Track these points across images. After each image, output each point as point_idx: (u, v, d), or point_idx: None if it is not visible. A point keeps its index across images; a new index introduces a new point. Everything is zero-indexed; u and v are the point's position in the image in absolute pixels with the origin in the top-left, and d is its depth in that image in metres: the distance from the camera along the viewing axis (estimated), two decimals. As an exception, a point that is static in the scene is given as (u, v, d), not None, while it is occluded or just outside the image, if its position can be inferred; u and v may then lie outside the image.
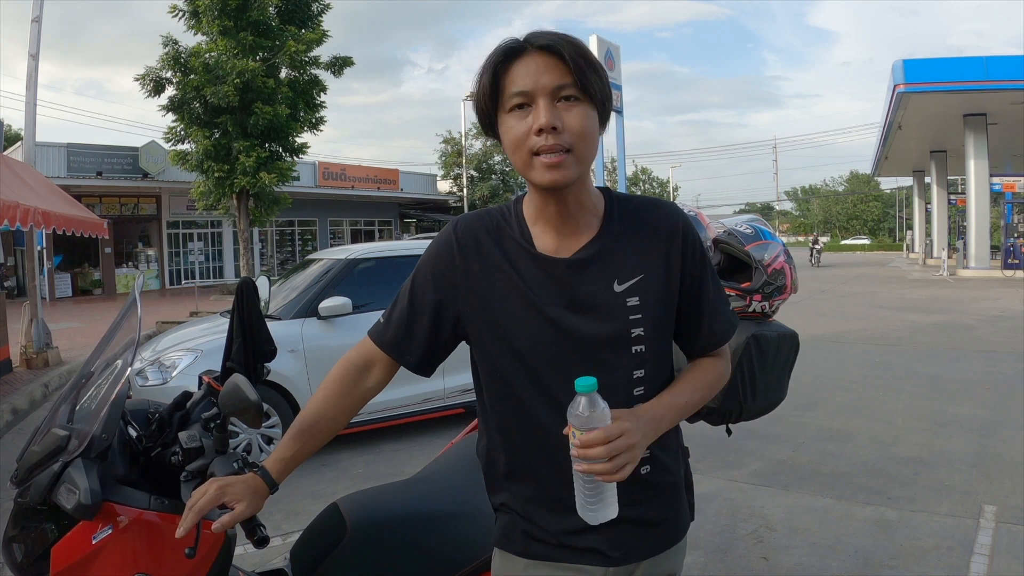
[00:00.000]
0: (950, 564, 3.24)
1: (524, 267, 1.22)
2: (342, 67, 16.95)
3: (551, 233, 1.23)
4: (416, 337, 1.31)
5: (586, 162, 1.16)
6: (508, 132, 1.16)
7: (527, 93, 1.12)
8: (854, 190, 73.26)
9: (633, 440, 1.08)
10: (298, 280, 5.79)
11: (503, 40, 1.16)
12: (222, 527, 1.22)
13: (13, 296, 17.60)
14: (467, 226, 1.27)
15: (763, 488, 4.25)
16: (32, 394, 7.17)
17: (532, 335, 1.20)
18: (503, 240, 1.24)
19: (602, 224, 1.23)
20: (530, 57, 1.13)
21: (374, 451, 5.23)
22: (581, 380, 1.05)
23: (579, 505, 1.12)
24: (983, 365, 7.76)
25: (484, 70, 1.16)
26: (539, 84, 1.12)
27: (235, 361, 1.80)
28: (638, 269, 1.21)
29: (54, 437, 1.46)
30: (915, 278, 21.93)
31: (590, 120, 1.15)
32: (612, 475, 1.06)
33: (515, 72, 1.14)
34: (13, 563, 1.47)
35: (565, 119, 1.12)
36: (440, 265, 1.28)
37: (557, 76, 1.12)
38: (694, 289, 1.27)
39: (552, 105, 1.12)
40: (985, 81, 19.32)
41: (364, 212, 32.03)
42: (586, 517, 1.12)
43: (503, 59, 1.15)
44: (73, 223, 8.23)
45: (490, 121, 1.20)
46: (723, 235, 2.06)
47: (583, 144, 1.14)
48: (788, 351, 2.03)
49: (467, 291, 1.25)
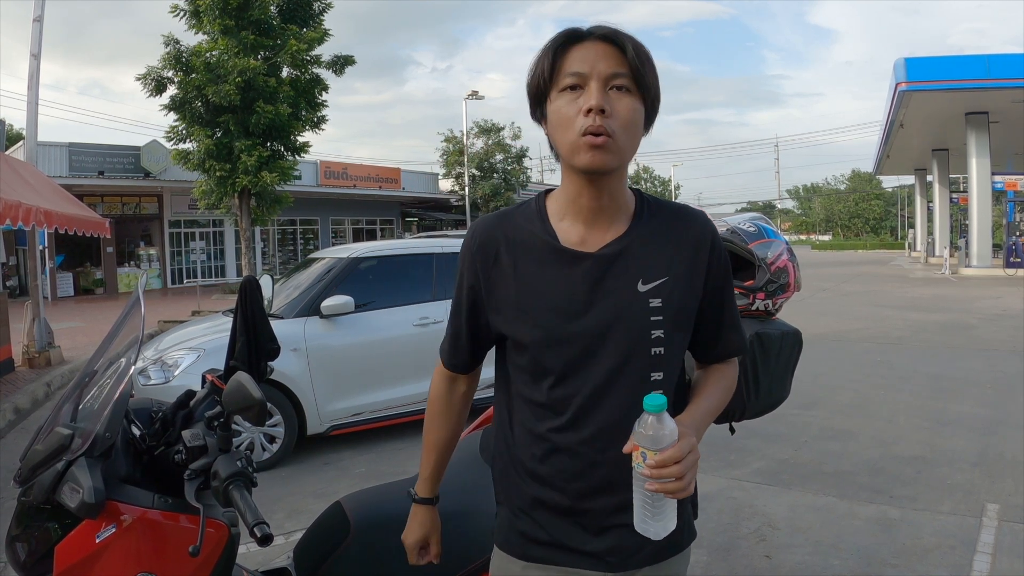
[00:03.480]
0: (953, 563, 3.24)
1: (546, 263, 1.22)
2: (343, 66, 16.94)
3: (579, 226, 1.23)
4: (468, 349, 1.37)
5: (626, 152, 1.17)
6: (557, 112, 1.17)
7: (582, 75, 1.14)
8: (856, 189, 73.16)
9: (698, 455, 1.09)
10: (300, 279, 5.79)
11: (563, 29, 1.20)
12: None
13: (15, 295, 17.61)
14: (483, 232, 1.28)
15: (765, 487, 4.25)
16: (34, 393, 7.18)
17: (552, 333, 1.20)
18: (524, 238, 1.24)
19: (631, 222, 1.24)
20: (590, 43, 1.16)
21: (377, 450, 5.23)
22: (650, 398, 1.04)
23: (640, 521, 1.10)
24: (985, 364, 7.74)
25: (545, 50, 1.18)
26: (595, 68, 1.14)
27: (239, 359, 1.80)
28: (663, 271, 1.21)
29: (58, 436, 1.46)
30: (917, 277, 21.89)
31: (637, 114, 1.16)
32: (682, 492, 1.06)
33: (573, 55, 1.16)
34: (17, 562, 1.47)
35: (615, 106, 1.14)
36: (468, 277, 1.29)
37: (614, 64, 1.14)
38: (716, 299, 1.28)
39: (604, 91, 1.14)
40: (987, 80, 19.29)
41: (366, 211, 32.02)
42: (648, 533, 1.11)
43: (564, 43, 1.17)
44: (75, 222, 8.24)
45: (540, 102, 1.21)
46: (726, 233, 2.06)
47: (626, 134, 1.15)
48: (791, 349, 2.03)
49: (489, 295, 1.26)
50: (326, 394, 5.07)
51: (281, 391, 4.88)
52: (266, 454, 4.84)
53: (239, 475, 1.42)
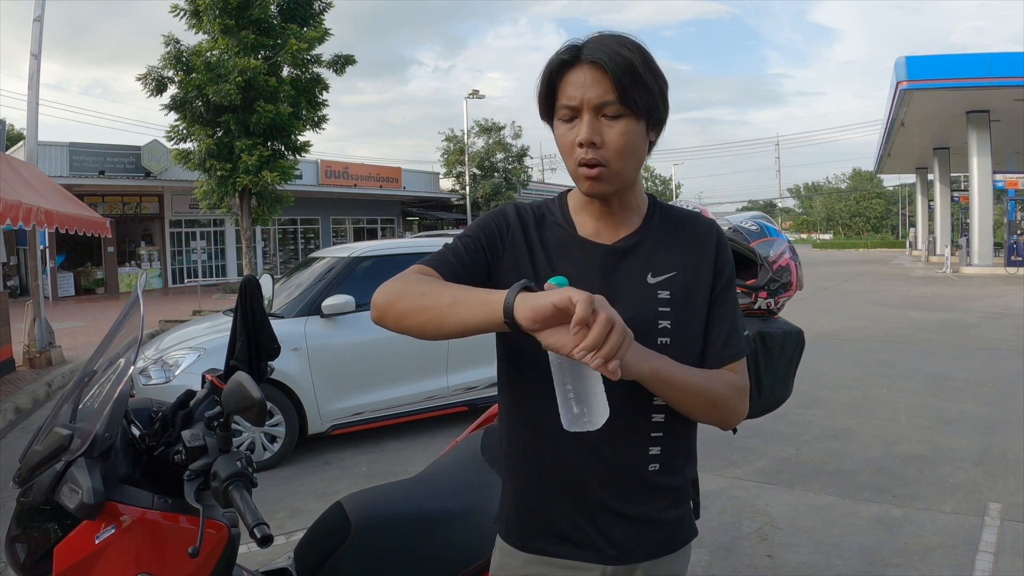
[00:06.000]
0: (955, 562, 3.23)
1: (566, 250, 1.26)
2: (344, 65, 16.95)
3: (594, 222, 1.28)
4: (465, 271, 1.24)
5: (624, 176, 1.21)
6: (559, 139, 1.22)
7: (574, 108, 1.17)
8: (857, 187, 73.15)
9: (617, 319, 0.95)
10: (301, 278, 5.79)
11: (563, 45, 1.20)
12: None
13: (16, 295, 17.63)
14: (523, 207, 1.33)
15: (767, 486, 4.24)
16: (35, 393, 7.18)
17: None
18: (548, 227, 1.29)
19: (643, 222, 1.29)
20: (580, 69, 1.17)
21: (378, 450, 5.23)
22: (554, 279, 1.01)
23: (565, 415, 1.03)
24: (986, 363, 7.74)
25: (542, 78, 1.22)
26: (584, 98, 1.16)
27: (239, 359, 1.80)
28: (672, 267, 1.25)
29: (57, 436, 1.45)
30: (918, 275, 21.89)
31: (630, 136, 1.17)
32: (602, 351, 0.93)
33: (567, 82, 1.18)
34: (16, 563, 1.47)
35: (606, 135, 1.16)
36: (496, 225, 1.29)
37: (601, 91, 1.15)
38: (718, 300, 1.29)
39: (595, 120, 1.16)
40: (988, 78, 19.27)
41: (367, 210, 32.03)
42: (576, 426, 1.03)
43: (558, 69, 1.19)
44: (76, 222, 8.24)
45: (549, 117, 1.25)
46: (728, 232, 2.05)
47: (619, 160, 1.18)
48: (793, 348, 2.02)
49: (509, 258, 1.27)
50: (327, 394, 5.07)
51: (282, 391, 4.88)
52: (267, 454, 4.84)
53: (239, 475, 1.41)
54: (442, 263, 1.23)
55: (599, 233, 1.27)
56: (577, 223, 1.29)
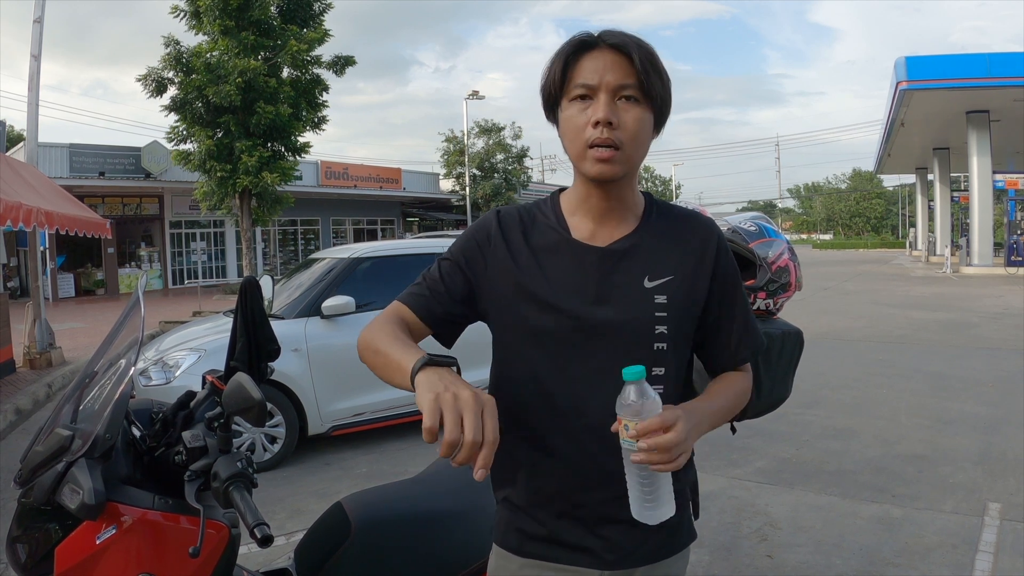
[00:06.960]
0: (955, 562, 3.23)
1: (556, 254, 1.25)
2: (344, 66, 16.96)
3: (589, 223, 1.26)
4: (439, 302, 1.27)
5: (634, 162, 1.20)
6: (568, 120, 1.20)
7: (591, 86, 1.16)
8: (857, 188, 73.12)
9: (689, 425, 1.07)
10: (301, 279, 5.79)
11: (578, 32, 1.21)
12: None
13: (16, 296, 17.64)
14: (507, 213, 1.32)
15: (767, 486, 4.24)
16: (35, 394, 7.18)
17: (552, 322, 1.21)
18: (538, 230, 1.28)
19: (640, 222, 1.27)
20: (600, 52, 1.17)
21: (378, 450, 5.23)
22: (629, 369, 1.03)
23: (635, 506, 1.09)
24: (986, 362, 7.74)
25: (556, 58, 1.20)
26: (603, 80, 1.16)
27: (239, 360, 1.80)
28: (669, 270, 1.24)
29: (58, 437, 1.46)
30: (918, 275, 21.88)
31: (644, 124, 1.18)
32: (668, 464, 1.04)
33: (583, 64, 1.18)
34: (17, 563, 1.47)
35: (622, 117, 1.16)
36: (476, 241, 1.29)
37: (621, 75, 1.16)
38: (726, 302, 1.29)
39: (612, 102, 1.16)
40: (988, 78, 19.28)
41: (367, 211, 32.03)
42: (643, 518, 1.09)
43: (575, 51, 1.19)
44: (76, 223, 8.24)
45: (553, 106, 1.24)
46: (727, 232, 2.05)
47: (633, 144, 1.18)
48: (793, 349, 2.02)
49: (494, 270, 1.26)
50: (327, 394, 5.07)
51: (282, 391, 4.88)
52: (267, 454, 4.84)
53: (239, 476, 1.41)
54: (417, 298, 1.27)
55: (594, 235, 1.25)
56: (571, 225, 1.27)
